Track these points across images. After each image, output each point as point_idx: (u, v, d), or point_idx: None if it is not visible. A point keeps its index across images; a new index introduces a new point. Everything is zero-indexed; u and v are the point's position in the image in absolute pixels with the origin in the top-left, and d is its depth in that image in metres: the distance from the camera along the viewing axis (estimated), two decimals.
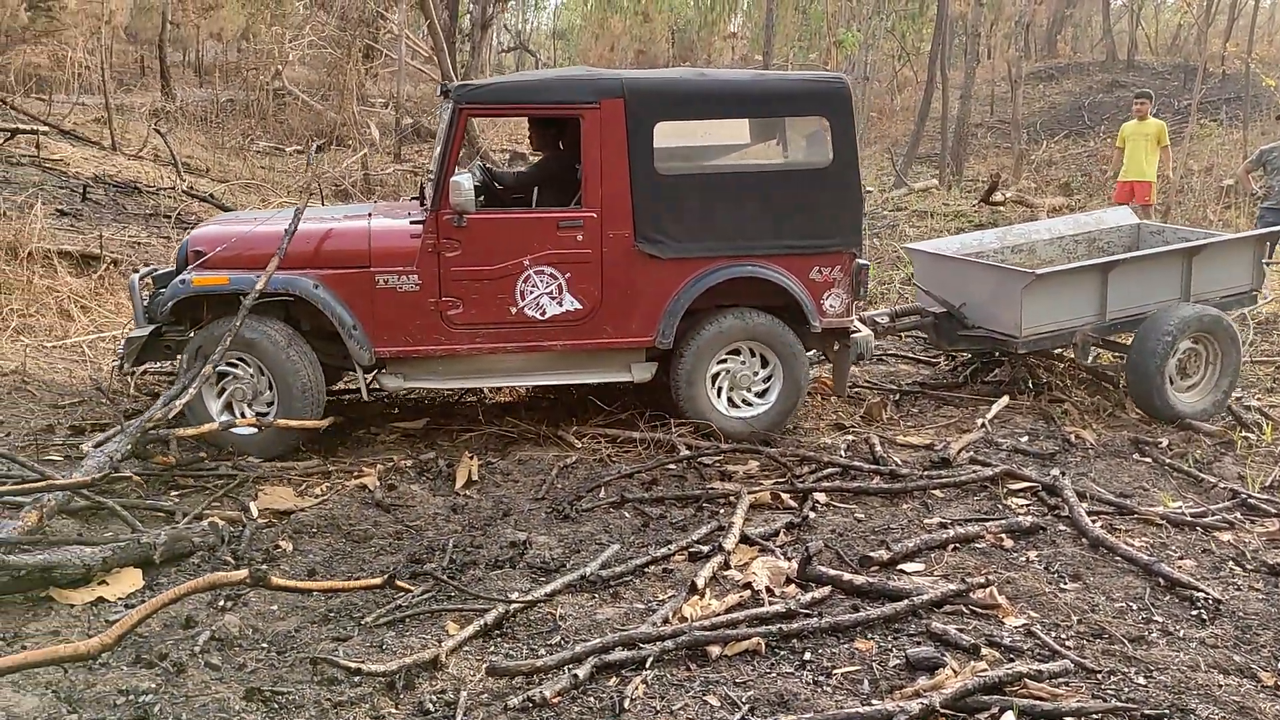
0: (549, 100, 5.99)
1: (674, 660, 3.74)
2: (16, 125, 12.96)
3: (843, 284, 6.21)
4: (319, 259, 5.84)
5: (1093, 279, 6.80)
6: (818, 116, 6.20)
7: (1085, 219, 8.23)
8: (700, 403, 6.17)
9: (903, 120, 24.21)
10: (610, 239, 5.97)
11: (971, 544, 4.81)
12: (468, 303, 5.89)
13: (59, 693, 3.38)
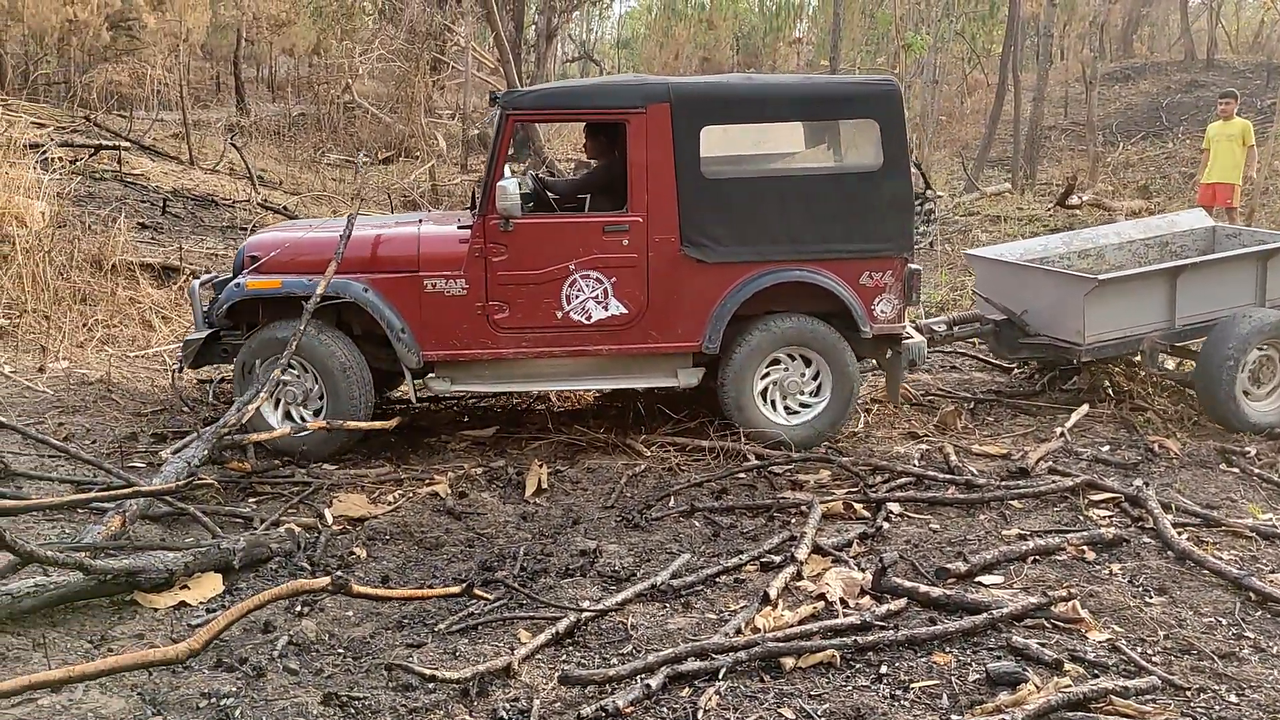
0: (595, 105, 6.03)
1: (747, 671, 3.70)
2: (100, 141, 13.32)
3: (894, 289, 6.12)
4: (370, 264, 5.93)
5: (1160, 284, 6.61)
6: (867, 119, 6.12)
7: (1157, 222, 8.02)
8: (748, 410, 6.11)
9: (973, 124, 23.87)
10: (656, 243, 5.96)
11: (1052, 556, 4.70)
12: (514, 307, 5.93)
13: (144, 695, 3.45)
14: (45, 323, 7.37)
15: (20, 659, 3.61)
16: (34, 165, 9.40)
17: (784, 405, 6.19)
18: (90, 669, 2.89)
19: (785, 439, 6.06)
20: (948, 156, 20.78)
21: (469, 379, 6.09)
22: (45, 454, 5.27)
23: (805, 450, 6.01)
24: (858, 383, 6.21)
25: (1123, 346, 6.68)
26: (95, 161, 12.39)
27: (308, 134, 20.38)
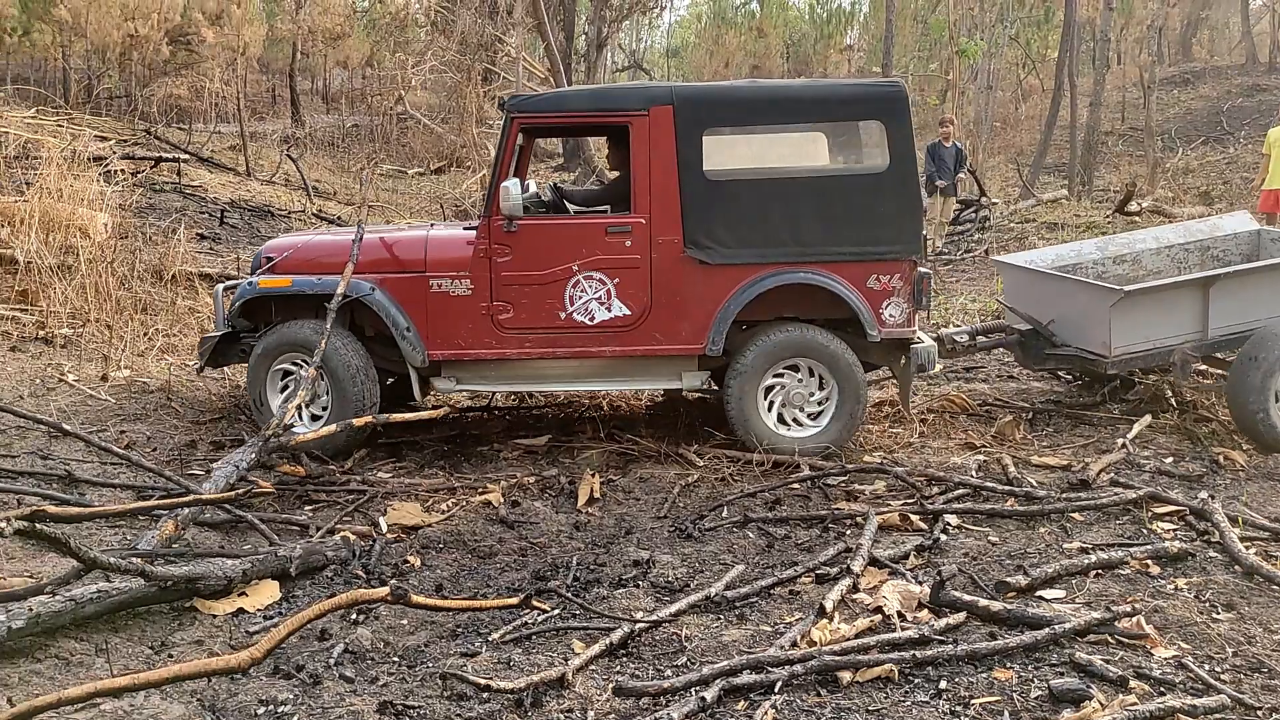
0: (599, 109, 6.09)
1: (803, 685, 3.66)
2: (160, 154, 13.57)
3: (903, 293, 6.02)
4: (378, 264, 6.07)
5: (1192, 294, 6.39)
6: (874, 121, 6.06)
7: (1198, 226, 7.77)
8: (751, 419, 6.04)
9: (1028, 129, 23.59)
10: (659, 245, 5.96)
11: (1115, 570, 4.60)
12: (518, 307, 5.98)
13: (203, 701, 3.48)
14: (108, 332, 7.51)
15: (83, 664, 3.67)
16: (97, 178, 9.58)
17: (792, 417, 6.12)
18: (154, 676, 2.92)
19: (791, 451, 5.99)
20: (1003, 163, 20.55)
21: (474, 379, 6.16)
22: (108, 461, 5.36)
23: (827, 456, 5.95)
24: (865, 393, 6.10)
25: (1153, 358, 6.48)
26: (156, 173, 12.62)
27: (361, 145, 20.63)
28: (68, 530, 4.47)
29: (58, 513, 3.65)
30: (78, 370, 6.82)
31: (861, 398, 6.05)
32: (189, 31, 21.41)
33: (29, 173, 9.34)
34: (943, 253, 12.88)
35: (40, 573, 4.21)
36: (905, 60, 24.88)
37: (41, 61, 23.55)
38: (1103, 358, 6.42)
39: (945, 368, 8.05)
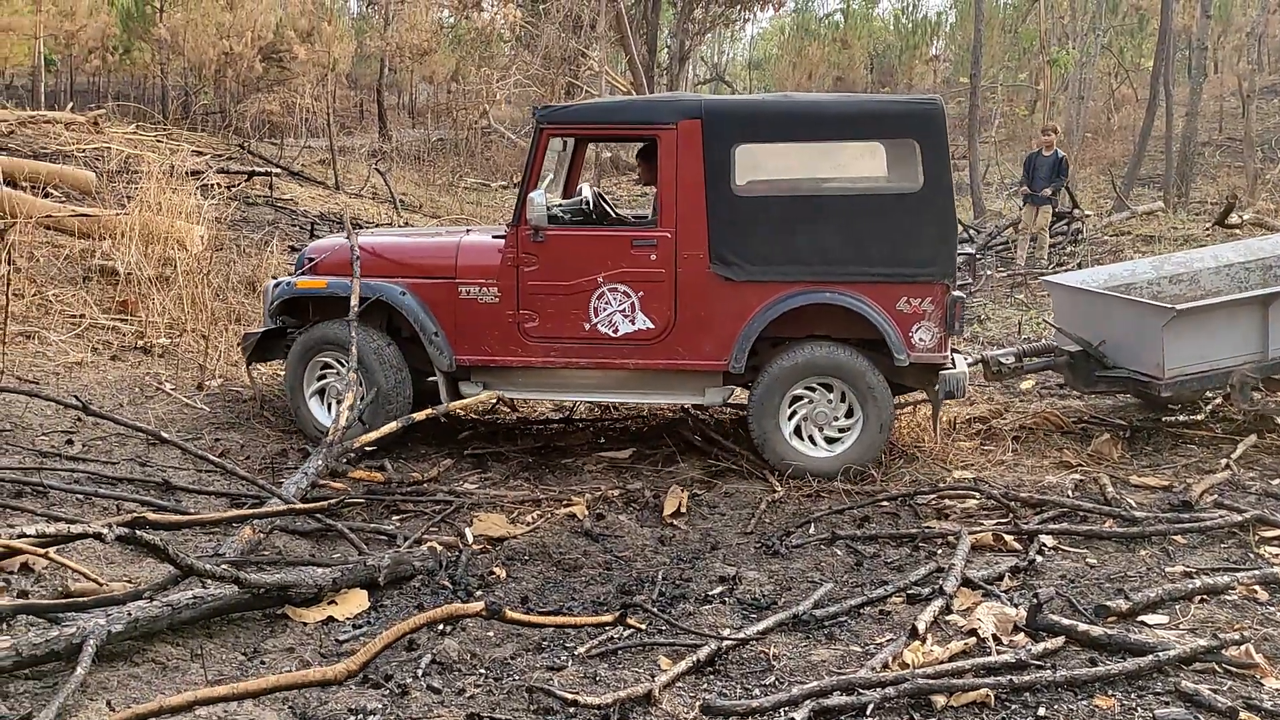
0: (628, 121, 6.15)
1: (896, 708, 3.57)
2: (253, 168, 13.90)
3: (934, 316, 5.85)
4: (410, 269, 6.19)
5: (1251, 313, 6.13)
6: (908, 139, 5.91)
7: (1260, 244, 7.44)
8: (771, 436, 5.95)
9: (1120, 140, 23.05)
10: (685, 259, 5.92)
11: (1221, 596, 4.42)
12: (543, 316, 6.02)
13: (295, 709, 3.51)
14: (203, 342, 7.69)
15: (179, 669, 3.73)
16: (194, 192, 9.84)
17: (819, 436, 6.01)
18: (253, 686, 2.96)
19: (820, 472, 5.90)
20: (1094, 174, 20.08)
21: (501, 385, 6.22)
22: (203, 469, 5.46)
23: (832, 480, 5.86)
24: (889, 415, 5.94)
25: (1210, 380, 6.23)
26: (249, 187, 12.93)
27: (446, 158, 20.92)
28: (165, 537, 4.56)
29: (157, 519, 3.73)
30: (174, 379, 6.98)
31: (885, 420, 5.90)
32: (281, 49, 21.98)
33: (130, 187, 9.63)
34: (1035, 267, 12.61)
35: (137, 577, 4.30)
36: (993, 70, 24.49)
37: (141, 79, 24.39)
38: (1156, 380, 6.18)
39: (1039, 384, 7.86)
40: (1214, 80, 24.88)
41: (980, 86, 19.13)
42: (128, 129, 14.48)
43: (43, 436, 5.54)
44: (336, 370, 6.24)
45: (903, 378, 6.04)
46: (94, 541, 4.17)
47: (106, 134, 13.43)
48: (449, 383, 6.21)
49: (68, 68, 23.89)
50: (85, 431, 5.70)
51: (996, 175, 20.59)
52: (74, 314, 7.48)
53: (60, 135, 12.87)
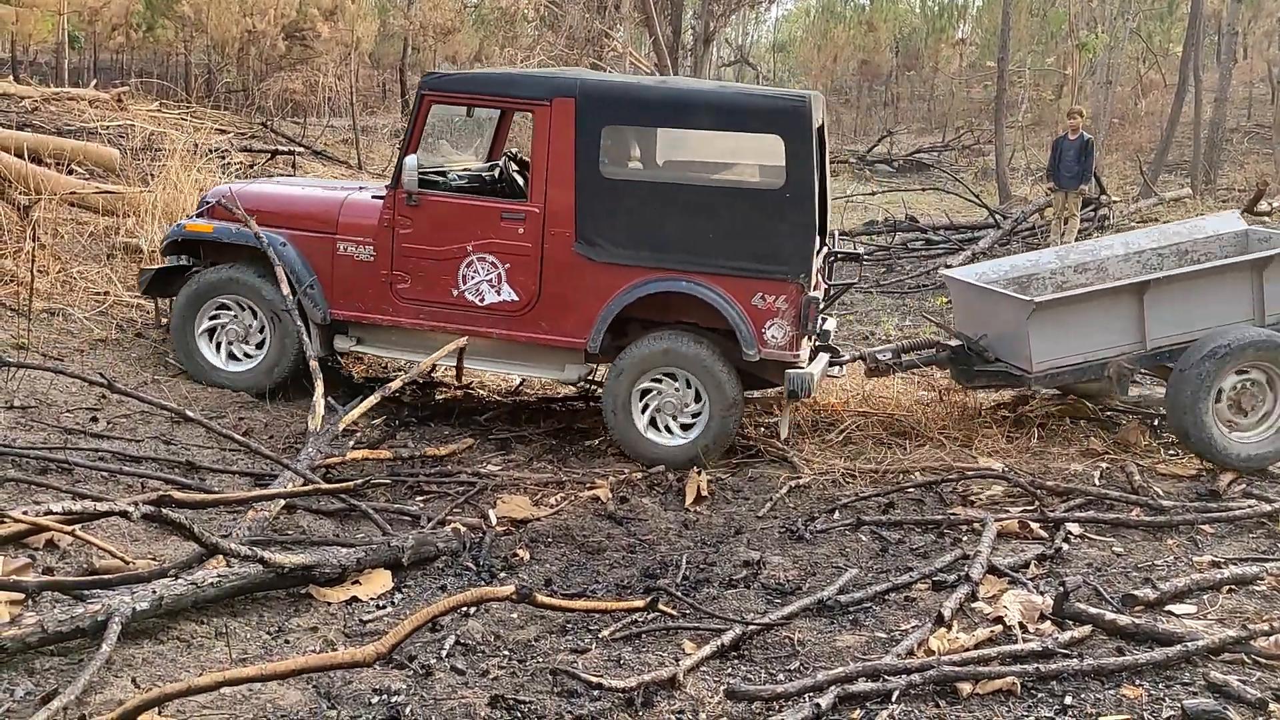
0: (507, 94, 6.21)
1: (921, 695, 3.55)
2: (276, 146, 13.91)
3: (787, 315, 5.84)
4: (293, 221, 6.35)
5: (1125, 302, 5.97)
6: (773, 135, 5.87)
7: (1177, 229, 7.22)
8: (621, 420, 5.97)
9: (1148, 126, 22.81)
10: (551, 236, 5.99)
11: (1250, 586, 4.38)
12: (414, 279, 6.14)
13: (319, 689, 3.52)
14: None
15: (204, 646, 3.74)
16: (217, 170, 9.84)
17: (665, 424, 6.01)
18: (281, 668, 2.97)
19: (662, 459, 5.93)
20: (1121, 160, 19.89)
21: (374, 343, 6.37)
22: (227, 447, 5.47)
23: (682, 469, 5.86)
24: (738, 408, 5.93)
25: (1084, 372, 6.10)
26: (271, 165, 12.93)
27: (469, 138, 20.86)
28: (190, 515, 4.57)
29: (182, 498, 3.74)
30: None
31: (733, 412, 5.91)
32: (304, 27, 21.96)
33: (153, 164, 9.64)
34: None
35: (162, 555, 4.31)
36: (1021, 54, 24.25)
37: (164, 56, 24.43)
38: (1026, 373, 6.08)
39: None
40: (1243, 66, 24.56)
41: (1007, 71, 18.94)
42: (151, 106, 14.50)
43: (67, 413, 5.56)
44: (234, 313, 6.38)
45: (762, 373, 6.05)
46: (119, 519, 4.17)
47: (130, 111, 13.45)
48: (323, 335, 6.34)
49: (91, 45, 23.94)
50: (109, 409, 5.71)
51: (1023, 160, 20.41)
52: (98, 291, 7.50)
53: (84, 112, 12.90)
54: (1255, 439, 5.87)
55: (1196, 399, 5.77)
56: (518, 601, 3.55)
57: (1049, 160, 13.33)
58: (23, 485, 4.61)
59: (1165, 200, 15.19)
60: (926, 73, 29.77)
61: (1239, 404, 5.88)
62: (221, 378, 6.37)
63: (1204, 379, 5.77)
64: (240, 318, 6.40)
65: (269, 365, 6.37)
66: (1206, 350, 5.80)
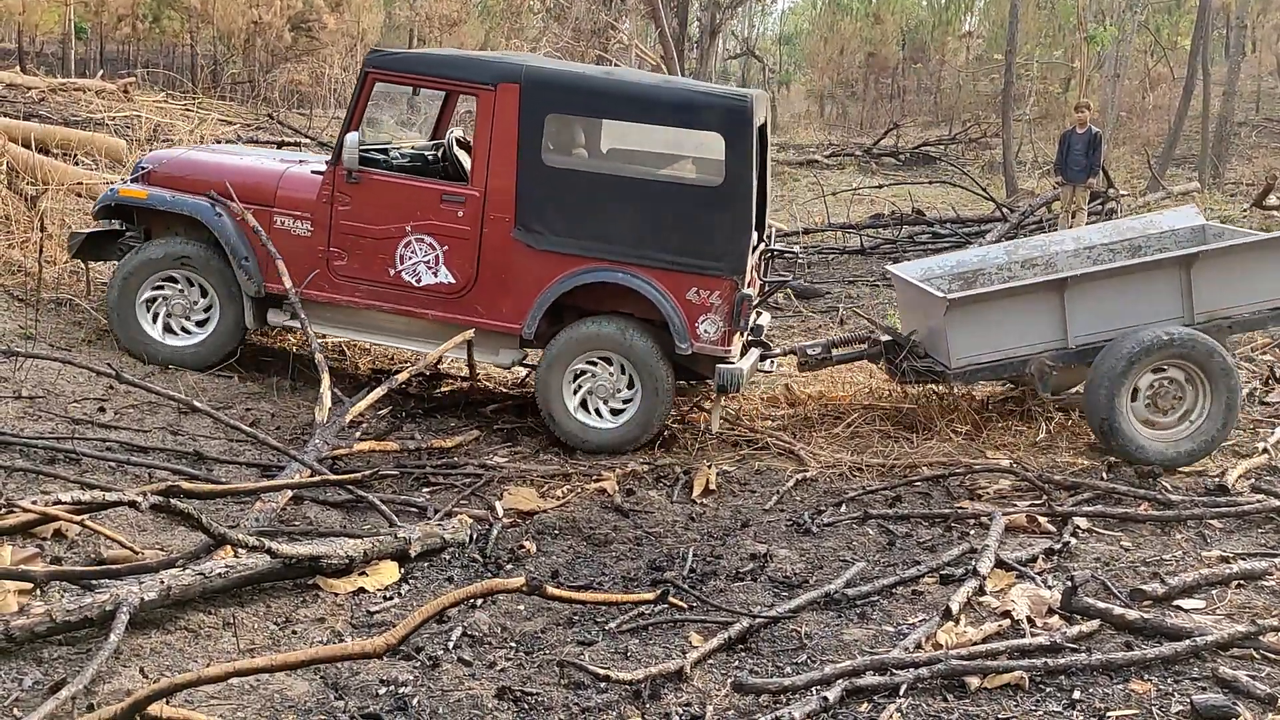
0: (451, 76, 6.18)
1: (929, 689, 3.54)
2: (282, 138, 13.90)
3: (721, 311, 5.89)
4: (231, 191, 6.24)
5: (1045, 299, 5.91)
6: (714, 133, 5.91)
7: (1131, 224, 7.15)
8: (554, 403, 6.00)
9: (1156, 120, 22.73)
10: (491, 221, 5.99)
11: (1259, 581, 4.37)
12: (352, 257, 6.12)
13: (326, 680, 3.52)
14: None
15: (211, 636, 3.74)
16: None
17: (595, 408, 6.05)
18: (291, 659, 2.98)
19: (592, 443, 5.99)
20: (1129, 154, 19.82)
21: (309, 318, 6.27)
22: (234, 438, 5.47)
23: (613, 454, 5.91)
24: (668, 396, 5.97)
25: (1005, 369, 6.05)
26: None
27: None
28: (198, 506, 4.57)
29: (191, 488, 3.74)
30: None
31: (663, 400, 5.96)
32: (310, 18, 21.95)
33: None
34: None
35: (170, 545, 4.30)
36: (1029, 47, 24.17)
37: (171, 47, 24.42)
38: (947, 369, 6.04)
39: None
40: (1252, 59, 24.49)
41: (1015, 63, 18.88)
42: (157, 97, 14.51)
43: (75, 403, 5.56)
44: (180, 288, 6.32)
45: (694, 366, 6.11)
46: (126, 509, 4.17)
47: (136, 102, 13.46)
48: (256, 308, 6.31)
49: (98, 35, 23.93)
50: (117, 399, 5.71)
51: (1030, 154, 20.35)
52: (106, 281, 7.49)
53: (91, 103, 12.91)
54: (1174, 438, 5.83)
55: (1112, 398, 5.73)
56: (528, 593, 3.55)
57: (1057, 154, 13.28)
58: (31, 475, 4.61)
59: (1173, 194, 15.13)
60: (933, 66, 29.67)
61: (1156, 403, 5.84)
62: (162, 352, 6.28)
63: (1118, 378, 5.73)
64: (187, 293, 6.32)
65: (215, 341, 6.32)
66: (1121, 349, 5.76)
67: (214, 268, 6.27)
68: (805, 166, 19.52)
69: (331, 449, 5.33)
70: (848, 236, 12.53)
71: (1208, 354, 5.74)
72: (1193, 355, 5.75)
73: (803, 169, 19.18)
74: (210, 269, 6.27)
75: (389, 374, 6.41)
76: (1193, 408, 5.85)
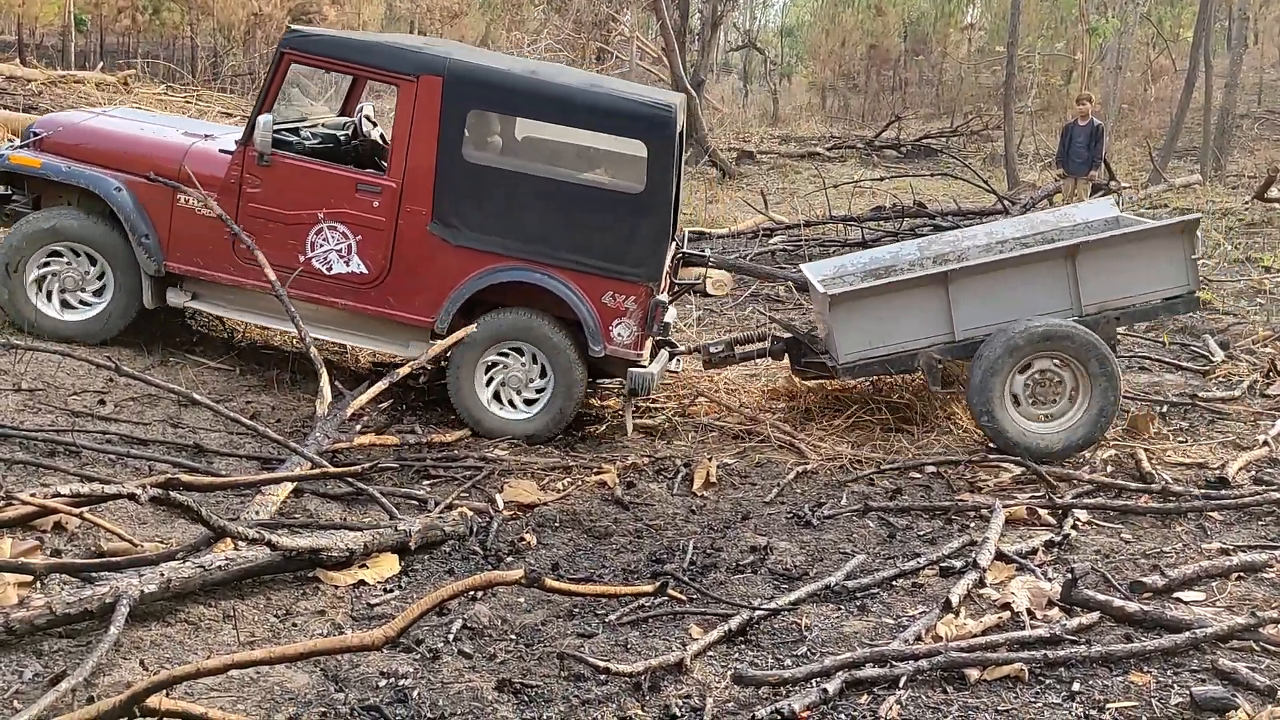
0: (372, 63, 6.06)
1: (929, 681, 3.54)
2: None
3: (635, 315, 5.92)
4: (133, 164, 6.09)
5: (930, 293, 5.88)
6: (636, 140, 5.92)
7: (1045, 217, 7.06)
8: (465, 392, 5.98)
9: (1157, 112, 22.69)
10: (407, 213, 5.95)
11: (1259, 574, 4.37)
12: (259, 240, 5.98)
13: (327, 672, 3.52)
14: None
15: (211, 629, 3.74)
16: None
17: (509, 399, 6.05)
18: (291, 651, 2.98)
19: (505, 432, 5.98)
20: (1130, 146, 19.78)
21: (210, 300, 6.24)
22: (234, 431, 5.47)
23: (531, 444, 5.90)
24: (579, 390, 6.00)
25: (893, 365, 6.02)
26: None
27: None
28: (198, 498, 4.57)
29: (190, 481, 3.74)
30: (205, 343, 6.98)
31: (575, 394, 5.99)
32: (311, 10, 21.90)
33: None
34: None
35: (170, 538, 4.31)
36: (1031, 39, 24.11)
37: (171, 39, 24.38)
38: (835, 364, 6.04)
39: None
40: (1254, 51, 24.44)
41: (1016, 55, 18.84)
42: (157, 89, 14.50)
43: (75, 396, 5.56)
44: (69, 260, 6.14)
45: (606, 366, 6.13)
46: (127, 502, 4.17)
47: (136, 94, 13.44)
48: (155, 287, 6.18)
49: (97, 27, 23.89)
50: (117, 392, 5.71)
51: (1031, 146, 20.32)
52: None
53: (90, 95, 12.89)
54: (1054, 430, 5.80)
55: (990, 390, 5.72)
56: (527, 585, 3.54)
57: (1058, 146, 13.27)
58: (31, 468, 4.62)
59: (1174, 186, 15.12)
60: (935, 58, 29.60)
61: (1036, 396, 5.82)
62: (55, 327, 6.09)
63: (996, 371, 5.72)
64: (76, 265, 6.14)
65: (110, 314, 6.16)
66: (998, 342, 5.75)
67: (108, 243, 6.08)
68: (806, 159, 19.48)
69: (333, 442, 5.33)
70: (849, 229, 12.50)
71: (1085, 347, 5.70)
72: (1069, 348, 5.72)
73: (803, 161, 19.15)
74: (104, 244, 6.08)
75: (390, 368, 6.40)
76: (1073, 401, 5.82)
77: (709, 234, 12.21)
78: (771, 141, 21.77)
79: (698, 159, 17.89)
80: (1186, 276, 5.92)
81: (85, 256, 6.17)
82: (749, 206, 13.60)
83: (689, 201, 14.14)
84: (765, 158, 19.41)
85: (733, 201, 14.39)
